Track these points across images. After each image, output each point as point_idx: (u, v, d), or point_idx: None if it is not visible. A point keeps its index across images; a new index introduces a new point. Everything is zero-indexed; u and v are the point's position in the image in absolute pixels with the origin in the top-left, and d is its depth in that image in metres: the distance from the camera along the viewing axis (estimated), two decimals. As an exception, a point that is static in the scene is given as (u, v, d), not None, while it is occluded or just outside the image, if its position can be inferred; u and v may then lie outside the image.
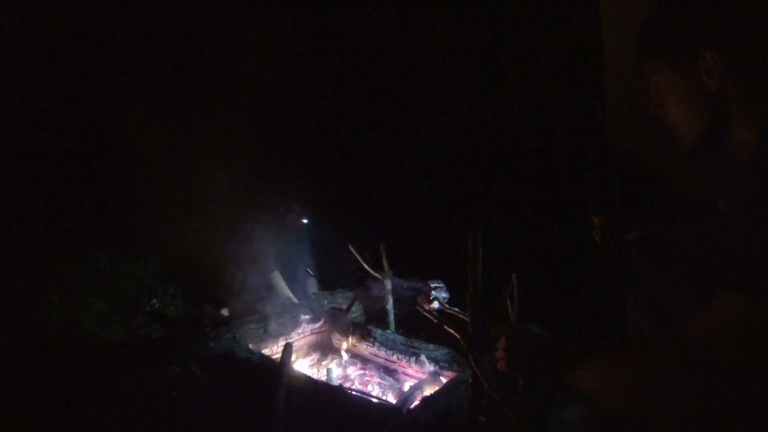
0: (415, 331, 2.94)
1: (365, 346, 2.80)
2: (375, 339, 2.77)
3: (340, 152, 4.24)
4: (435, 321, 2.19)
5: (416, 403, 2.12)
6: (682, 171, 2.26)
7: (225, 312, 3.21)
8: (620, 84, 2.47)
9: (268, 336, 2.82)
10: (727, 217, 1.21)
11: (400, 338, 2.73)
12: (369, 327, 2.85)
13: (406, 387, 2.45)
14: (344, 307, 3.08)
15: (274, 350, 2.82)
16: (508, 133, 3.94)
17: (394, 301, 3.00)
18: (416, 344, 2.66)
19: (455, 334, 2.01)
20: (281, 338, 2.86)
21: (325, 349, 3.00)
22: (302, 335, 2.97)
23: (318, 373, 2.69)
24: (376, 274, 2.99)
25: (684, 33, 1.04)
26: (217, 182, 3.46)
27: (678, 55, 1.05)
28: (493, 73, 4.07)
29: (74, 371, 2.29)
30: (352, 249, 2.99)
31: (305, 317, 2.98)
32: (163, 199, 3.25)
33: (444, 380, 2.35)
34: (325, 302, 3.09)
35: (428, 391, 2.26)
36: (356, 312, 3.14)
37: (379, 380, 2.61)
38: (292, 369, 2.38)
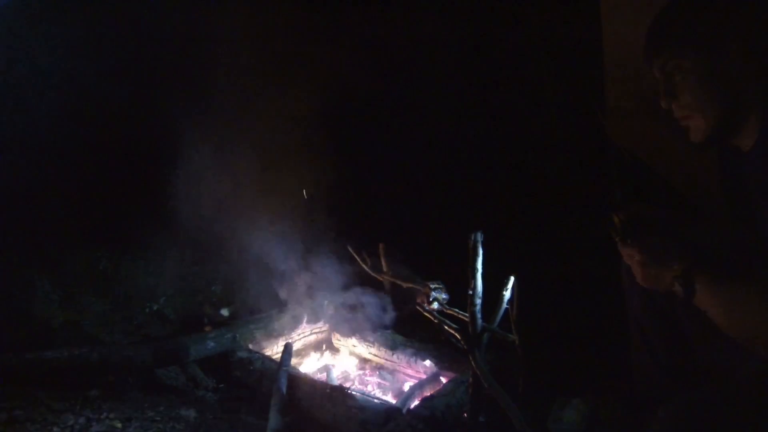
0: (415, 331, 2.94)
1: (365, 346, 2.80)
2: (375, 339, 2.77)
3: (338, 152, 4.24)
4: (435, 321, 2.20)
5: (416, 403, 2.12)
6: (683, 168, 2.26)
7: (225, 312, 3.21)
8: (620, 81, 2.47)
9: (268, 336, 2.82)
10: (729, 204, 1.23)
11: (400, 338, 2.73)
12: (369, 327, 2.85)
13: (406, 387, 2.45)
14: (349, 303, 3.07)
15: (274, 350, 2.82)
16: (507, 132, 3.93)
17: (394, 301, 2.99)
18: (416, 344, 2.66)
19: (455, 334, 2.02)
20: (281, 338, 2.86)
21: (325, 349, 3.00)
22: (302, 335, 2.97)
23: (318, 373, 2.69)
24: (375, 275, 2.99)
25: (706, 20, 1.07)
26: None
27: (699, 41, 1.07)
28: (492, 71, 4.06)
29: (73, 371, 2.29)
30: (350, 249, 2.99)
31: (305, 317, 2.98)
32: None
33: (444, 380, 2.36)
34: (325, 302, 3.09)
35: (428, 391, 2.26)
36: None
37: (379, 380, 2.61)
38: (292, 369, 2.38)
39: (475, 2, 4.05)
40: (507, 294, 1.99)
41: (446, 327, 2.09)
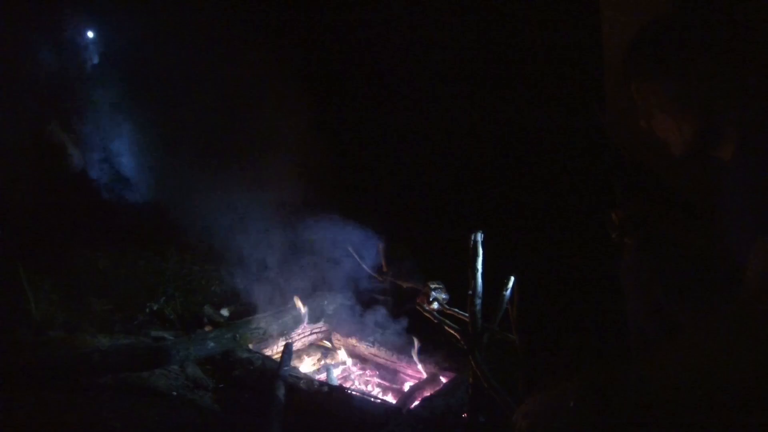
0: (415, 331, 2.94)
1: (365, 346, 2.80)
2: (375, 339, 2.77)
3: (338, 151, 4.24)
4: (435, 321, 2.20)
5: (416, 403, 2.12)
6: (681, 170, 2.26)
7: (225, 312, 3.21)
8: (620, 84, 2.47)
9: (268, 336, 2.82)
10: (716, 213, 1.24)
11: (400, 338, 2.73)
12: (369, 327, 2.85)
13: (406, 387, 2.45)
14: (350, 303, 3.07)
15: (274, 350, 2.82)
16: (508, 132, 3.94)
17: (394, 301, 2.99)
18: (416, 344, 2.66)
19: (455, 334, 2.02)
20: (281, 338, 2.86)
21: (325, 349, 3.00)
22: (302, 335, 2.97)
23: (318, 373, 2.69)
24: (375, 275, 2.99)
25: (675, 43, 1.11)
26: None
27: (669, 65, 1.11)
28: (493, 71, 4.07)
29: (74, 371, 2.29)
30: (350, 249, 2.99)
31: (305, 317, 2.98)
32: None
33: (444, 380, 2.36)
34: (325, 302, 3.09)
35: (428, 391, 2.26)
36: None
37: (379, 380, 2.62)
38: (292, 369, 2.39)
39: (479, 2, 4.06)
40: (507, 294, 1.99)
41: (446, 327, 2.09)
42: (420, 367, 2.51)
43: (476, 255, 1.89)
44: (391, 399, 2.35)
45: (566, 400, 0.97)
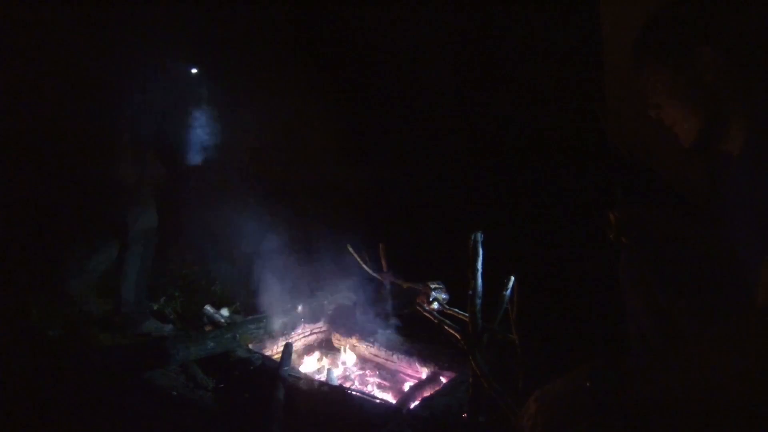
0: (415, 331, 2.94)
1: (365, 346, 2.80)
2: (375, 339, 2.77)
3: (338, 151, 4.24)
4: (435, 321, 2.20)
5: (416, 403, 2.12)
6: (681, 170, 2.26)
7: (225, 312, 3.21)
8: (620, 84, 2.47)
9: (268, 336, 2.82)
10: (719, 209, 1.23)
11: (400, 338, 2.73)
12: (369, 327, 2.84)
13: (406, 387, 2.45)
14: (350, 303, 3.07)
15: (274, 350, 2.82)
16: (508, 132, 3.94)
17: (394, 302, 2.99)
18: (416, 344, 2.66)
19: (455, 334, 2.02)
20: (281, 338, 2.86)
21: (325, 349, 3.00)
22: (302, 335, 2.97)
23: (318, 373, 2.69)
24: (376, 275, 2.99)
25: (683, 30, 1.10)
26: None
27: (677, 52, 1.11)
28: (493, 70, 4.07)
29: (74, 371, 2.29)
30: (351, 249, 2.99)
31: (305, 317, 2.98)
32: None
33: (444, 380, 2.35)
34: (325, 302, 3.09)
35: (428, 391, 2.26)
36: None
37: (379, 380, 2.61)
38: (292, 369, 2.39)
39: (479, 3, 4.06)
40: (507, 294, 1.99)
41: (446, 327, 2.09)
42: (419, 366, 2.51)
43: (476, 255, 1.89)
44: (391, 399, 2.35)
45: (578, 384, 0.96)
